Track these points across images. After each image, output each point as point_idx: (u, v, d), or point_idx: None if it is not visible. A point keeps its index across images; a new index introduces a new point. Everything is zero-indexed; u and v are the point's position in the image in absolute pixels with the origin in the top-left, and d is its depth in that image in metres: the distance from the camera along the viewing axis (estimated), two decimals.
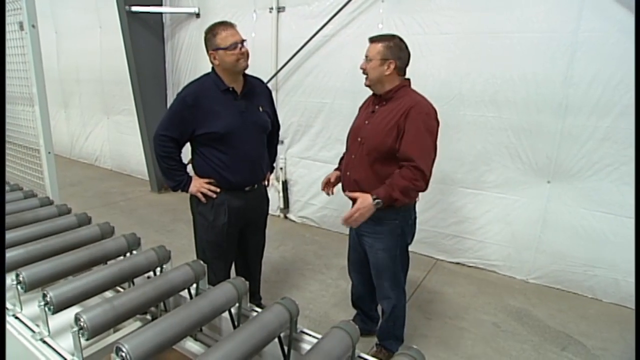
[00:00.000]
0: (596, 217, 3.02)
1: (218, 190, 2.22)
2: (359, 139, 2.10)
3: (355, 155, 2.12)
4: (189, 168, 2.32)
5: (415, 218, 2.21)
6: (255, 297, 2.73)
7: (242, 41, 2.11)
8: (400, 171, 1.91)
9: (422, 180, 1.91)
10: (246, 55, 2.13)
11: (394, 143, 1.96)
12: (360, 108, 2.31)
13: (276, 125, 2.51)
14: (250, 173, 2.28)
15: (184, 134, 2.18)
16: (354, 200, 1.97)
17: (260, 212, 2.47)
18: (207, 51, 2.15)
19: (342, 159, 2.37)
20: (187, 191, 2.26)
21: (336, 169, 2.41)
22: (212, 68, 2.20)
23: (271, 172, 2.60)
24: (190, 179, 2.25)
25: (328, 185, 2.41)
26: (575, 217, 3.10)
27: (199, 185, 2.22)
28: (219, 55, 2.10)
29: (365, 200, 1.90)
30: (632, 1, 2.62)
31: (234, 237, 2.37)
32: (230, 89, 2.16)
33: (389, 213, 2.06)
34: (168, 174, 2.26)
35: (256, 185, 2.34)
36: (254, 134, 2.24)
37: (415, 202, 2.18)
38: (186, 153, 2.28)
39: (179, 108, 2.16)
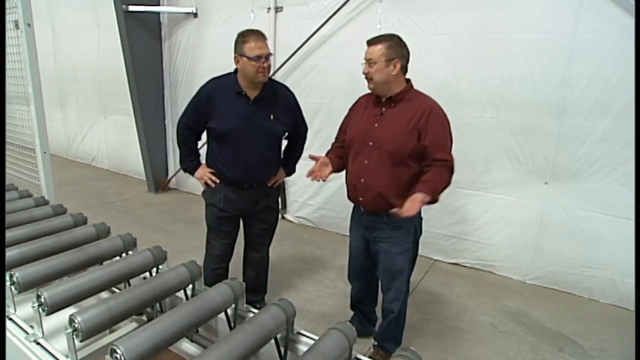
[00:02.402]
0: (593, 218, 3.02)
1: (218, 181, 2.40)
2: (371, 143, 2.04)
3: (368, 161, 2.05)
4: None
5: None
6: (256, 293, 2.77)
7: (267, 55, 2.21)
8: (439, 171, 1.90)
9: (451, 179, 1.94)
10: (267, 69, 2.23)
11: (416, 144, 1.94)
12: (352, 109, 2.26)
13: (300, 130, 2.57)
14: (246, 174, 2.37)
15: (198, 124, 2.37)
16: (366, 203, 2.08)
17: (257, 206, 2.50)
18: (234, 52, 2.25)
19: (328, 151, 2.32)
20: (193, 175, 2.48)
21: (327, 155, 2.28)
22: (235, 69, 2.30)
23: (289, 173, 2.66)
24: (198, 165, 2.47)
25: (318, 172, 2.21)
26: (572, 218, 3.10)
27: (202, 172, 2.43)
28: (242, 62, 2.21)
29: (417, 202, 1.81)
30: (630, 2, 2.62)
31: (230, 224, 2.53)
32: (244, 92, 2.27)
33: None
34: (182, 156, 2.52)
35: (255, 185, 2.43)
36: (257, 139, 2.32)
37: None
38: None
39: (196, 100, 2.36)
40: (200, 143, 2.53)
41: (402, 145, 1.96)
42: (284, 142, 2.59)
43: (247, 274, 2.76)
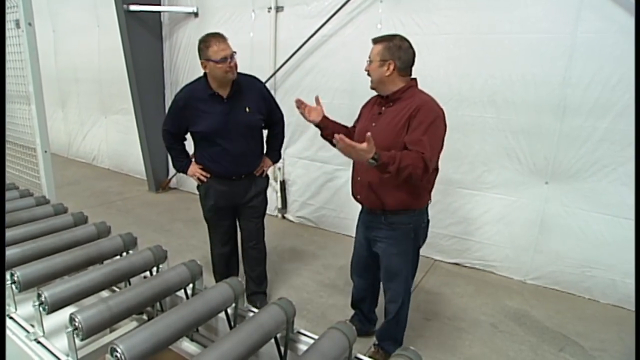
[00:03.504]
0: (594, 218, 3.02)
1: (209, 176, 2.57)
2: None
3: None
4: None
5: (428, 221, 2.19)
6: (258, 284, 2.90)
7: (232, 55, 2.32)
8: (410, 152, 1.83)
9: (422, 171, 1.84)
10: (234, 67, 2.34)
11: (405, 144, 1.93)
12: (363, 108, 2.28)
13: (275, 117, 2.67)
14: (233, 166, 2.53)
15: (180, 129, 2.55)
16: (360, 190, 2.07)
17: (247, 196, 2.65)
18: (200, 59, 2.36)
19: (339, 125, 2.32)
20: (186, 173, 2.64)
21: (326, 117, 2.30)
22: (205, 73, 2.43)
23: (275, 161, 2.77)
24: (189, 163, 2.64)
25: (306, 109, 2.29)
26: (573, 218, 3.10)
27: (194, 170, 2.60)
28: (209, 66, 2.33)
29: (368, 152, 1.73)
30: (631, 2, 2.62)
31: (224, 217, 2.72)
32: (216, 93, 2.41)
33: (403, 217, 2.07)
34: (172, 159, 2.71)
35: (243, 176, 2.59)
36: (237, 133, 2.47)
37: (427, 205, 2.16)
38: None
39: (173, 108, 2.53)
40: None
41: (392, 143, 1.94)
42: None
43: (248, 264, 2.88)
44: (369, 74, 2.04)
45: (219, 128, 2.42)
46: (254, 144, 2.59)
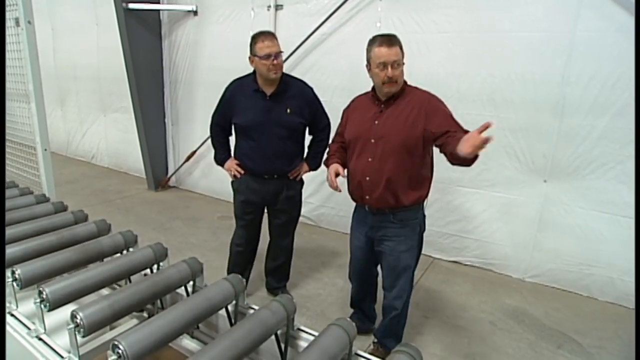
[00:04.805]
0: (592, 216, 3.03)
1: (243, 172, 2.63)
2: (373, 140, 2.04)
3: (372, 158, 2.05)
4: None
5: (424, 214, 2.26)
6: (277, 280, 2.99)
7: (277, 53, 2.37)
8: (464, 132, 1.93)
9: None
10: (278, 66, 2.39)
11: (422, 135, 1.97)
12: (348, 112, 2.26)
13: (321, 124, 2.68)
14: (266, 164, 2.56)
15: (225, 121, 2.63)
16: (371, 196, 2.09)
17: (279, 197, 2.67)
18: (250, 54, 2.44)
19: (330, 155, 2.30)
20: (223, 167, 2.72)
21: (330, 160, 2.26)
22: (254, 70, 2.50)
23: (313, 168, 2.73)
24: (228, 157, 2.73)
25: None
26: (571, 216, 3.11)
27: (230, 165, 2.68)
28: (255, 61, 2.41)
29: (476, 137, 1.87)
30: (630, 1, 2.63)
31: (254, 213, 2.75)
32: (260, 89, 2.47)
33: (412, 213, 2.10)
34: (215, 150, 2.78)
35: (275, 176, 2.61)
36: (275, 131, 2.50)
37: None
38: None
39: (221, 99, 2.62)
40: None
41: (407, 136, 1.98)
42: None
43: (268, 260, 2.96)
44: (392, 80, 1.95)
45: (256, 123, 2.48)
46: (291, 145, 2.59)
